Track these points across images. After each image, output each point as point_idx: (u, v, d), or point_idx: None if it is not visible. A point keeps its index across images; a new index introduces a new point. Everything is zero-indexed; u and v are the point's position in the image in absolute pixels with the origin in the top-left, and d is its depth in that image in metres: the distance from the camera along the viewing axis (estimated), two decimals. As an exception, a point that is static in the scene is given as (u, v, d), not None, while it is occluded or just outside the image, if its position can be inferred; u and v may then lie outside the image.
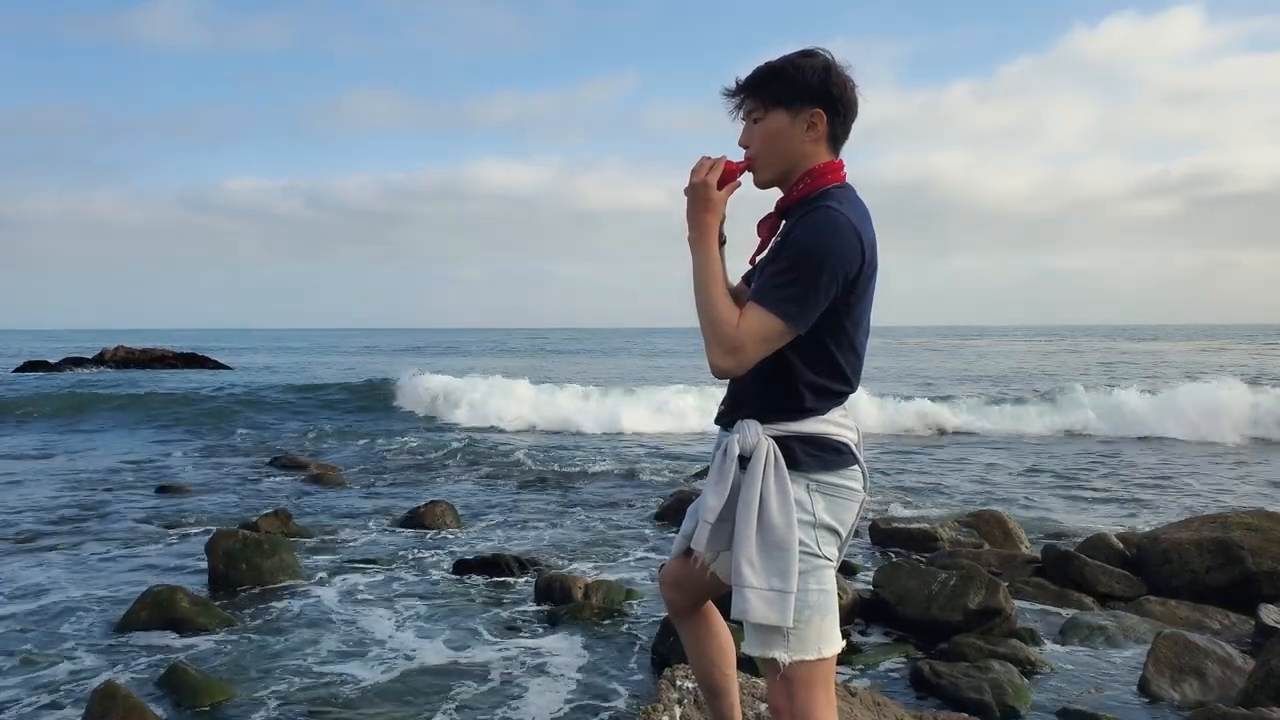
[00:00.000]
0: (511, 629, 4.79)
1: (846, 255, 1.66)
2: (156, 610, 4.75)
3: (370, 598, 5.40)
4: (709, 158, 1.77)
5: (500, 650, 4.48)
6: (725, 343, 1.68)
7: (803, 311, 1.66)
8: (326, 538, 7.08)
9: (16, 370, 29.83)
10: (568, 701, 3.84)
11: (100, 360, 32.13)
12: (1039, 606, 5.10)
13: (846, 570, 5.68)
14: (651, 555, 6.50)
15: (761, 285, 1.71)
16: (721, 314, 1.70)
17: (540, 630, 4.79)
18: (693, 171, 1.77)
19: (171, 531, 7.31)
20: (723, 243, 1.84)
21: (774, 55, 1.80)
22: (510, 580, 5.74)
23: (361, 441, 13.59)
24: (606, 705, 3.81)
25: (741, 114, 1.83)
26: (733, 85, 1.82)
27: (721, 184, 1.77)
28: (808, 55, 1.76)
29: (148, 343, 39.48)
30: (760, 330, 1.67)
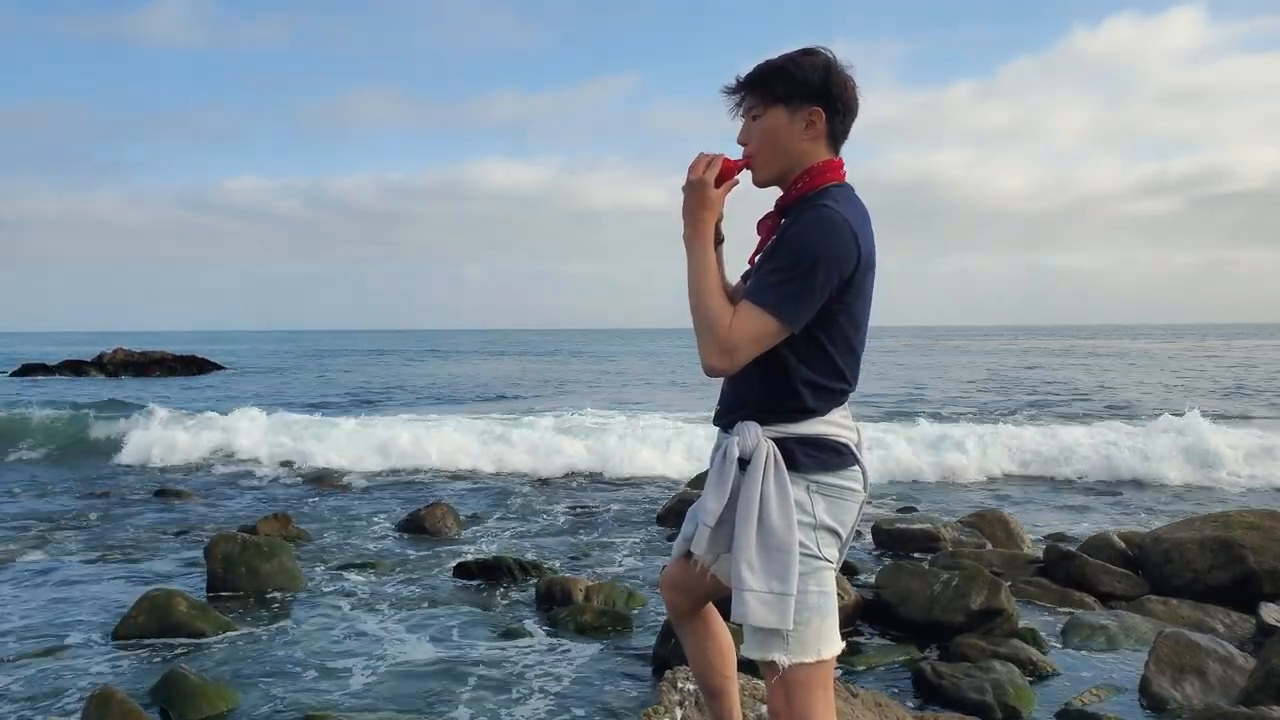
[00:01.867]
0: (512, 632, 4.77)
1: (841, 254, 1.65)
2: (154, 614, 4.72)
3: (370, 601, 5.39)
4: (706, 154, 1.76)
5: (501, 653, 4.46)
6: (718, 342, 1.67)
7: (797, 310, 1.65)
8: (326, 541, 7.06)
9: (14, 374, 29.78)
10: (569, 704, 3.83)
11: (99, 363, 32.07)
12: (1041, 606, 5.09)
13: (848, 571, 5.66)
14: (652, 558, 6.48)
15: (756, 284, 1.70)
16: (715, 313, 1.68)
17: (541, 633, 4.77)
18: (690, 168, 1.75)
19: (170, 535, 7.29)
20: (721, 241, 1.83)
21: (775, 54, 1.79)
22: (511, 583, 5.72)
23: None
24: (607, 708, 3.80)
25: (741, 111, 1.82)
26: (733, 83, 1.81)
27: (719, 181, 1.75)
28: (809, 53, 1.75)
29: (148, 345, 39.46)
30: (754, 329, 1.66)
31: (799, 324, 1.67)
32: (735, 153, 1.80)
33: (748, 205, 1.86)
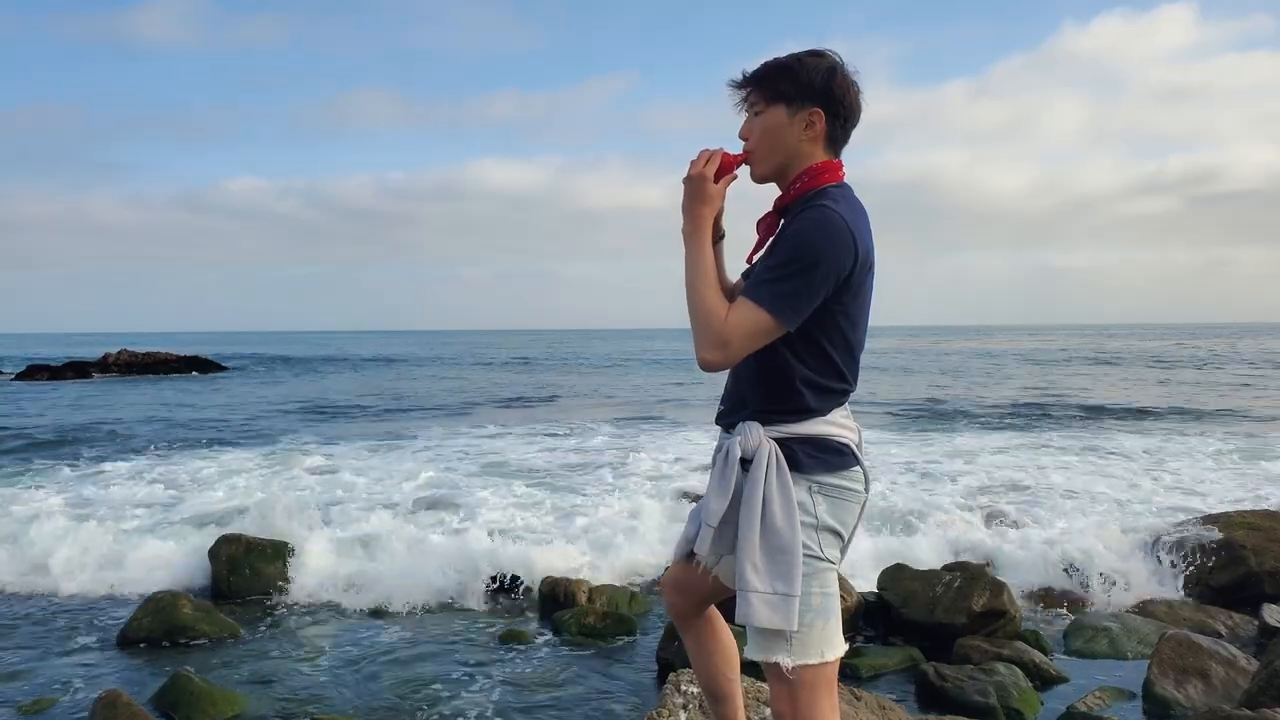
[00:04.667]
0: (515, 634, 4.77)
1: (839, 253, 1.66)
2: (159, 617, 4.73)
3: (373, 602, 5.39)
4: (707, 150, 1.78)
5: (504, 656, 4.47)
6: (713, 336, 1.68)
7: (793, 308, 1.66)
8: (333, 538, 7.05)
9: (19, 376, 29.76)
10: (572, 707, 3.83)
11: (103, 364, 32.10)
12: (1043, 608, 5.09)
13: (849, 573, 5.66)
14: (655, 559, 6.48)
15: (753, 281, 1.71)
16: (711, 307, 1.70)
17: (544, 635, 4.78)
18: (691, 164, 1.77)
19: (174, 536, 7.29)
20: (721, 237, 1.85)
21: (772, 55, 1.81)
22: (514, 584, 5.72)
23: None
24: (611, 711, 3.81)
25: (745, 106, 1.83)
26: (739, 77, 1.83)
27: (718, 176, 1.77)
28: (816, 55, 1.77)
29: (150, 346, 39.49)
30: (749, 325, 1.66)
31: (795, 322, 1.67)
32: (736, 148, 1.82)
33: (747, 205, 1.88)
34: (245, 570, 5.61)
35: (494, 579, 5.61)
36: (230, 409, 19.05)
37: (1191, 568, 5.18)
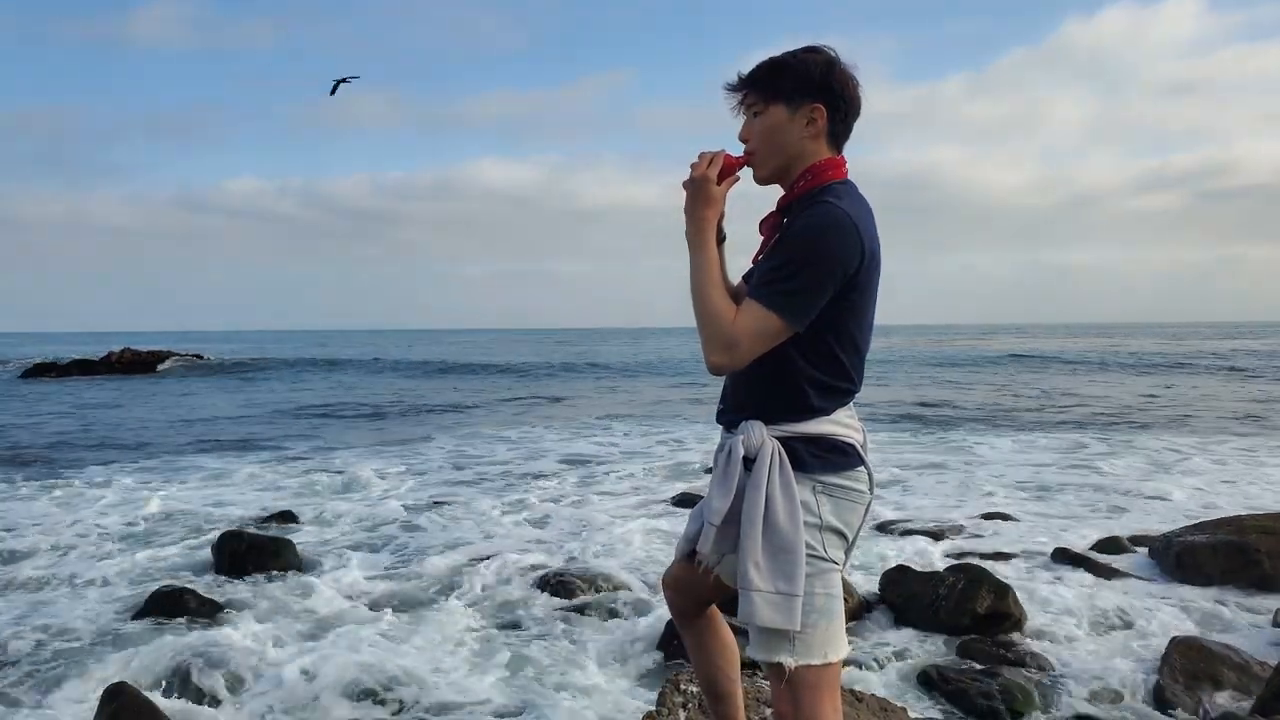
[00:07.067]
0: (512, 628, 4.75)
1: (846, 251, 1.63)
2: (164, 610, 4.77)
3: (374, 598, 5.37)
4: (708, 151, 1.75)
5: (502, 653, 4.43)
6: (721, 338, 1.65)
7: (800, 307, 1.64)
8: (330, 537, 7.05)
9: (24, 375, 29.87)
10: (571, 705, 3.80)
11: (108, 362, 32.21)
12: (1048, 610, 5.03)
13: (852, 573, 5.61)
14: (657, 556, 6.45)
15: (759, 281, 1.68)
16: (717, 309, 1.67)
17: (543, 632, 4.74)
18: (692, 166, 1.74)
19: (179, 531, 7.30)
20: (723, 239, 1.82)
21: (771, 51, 1.79)
22: (512, 579, 5.69)
23: None
24: (610, 709, 3.77)
25: (743, 108, 1.80)
26: (736, 79, 1.79)
27: (721, 178, 1.74)
28: (812, 51, 1.74)
29: (155, 344, 39.66)
30: (757, 326, 1.64)
31: (802, 322, 1.65)
32: (736, 149, 1.79)
33: (746, 206, 1.82)
34: (249, 566, 5.63)
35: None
36: (240, 409, 19.18)
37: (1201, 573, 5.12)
